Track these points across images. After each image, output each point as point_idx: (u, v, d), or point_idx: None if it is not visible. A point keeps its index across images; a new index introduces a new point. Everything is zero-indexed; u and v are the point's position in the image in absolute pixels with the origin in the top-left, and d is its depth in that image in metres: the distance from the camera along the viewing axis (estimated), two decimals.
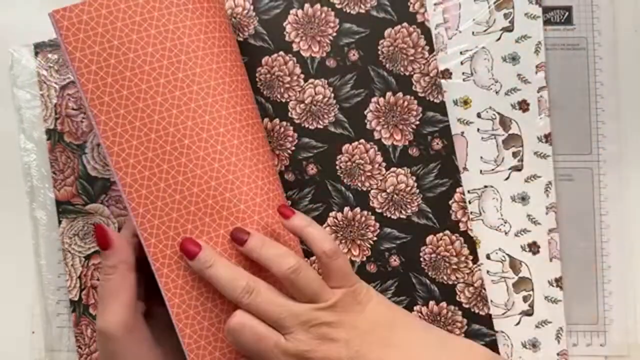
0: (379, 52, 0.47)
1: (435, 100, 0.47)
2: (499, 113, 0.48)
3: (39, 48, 0.48)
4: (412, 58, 0.47)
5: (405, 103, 0.47)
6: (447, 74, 0.48)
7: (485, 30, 0.48)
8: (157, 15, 0.39)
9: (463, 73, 0.48)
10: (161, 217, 0.39)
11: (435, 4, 0.48)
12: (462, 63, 0.48)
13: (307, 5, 0.47)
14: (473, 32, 0.48)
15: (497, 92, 0.48)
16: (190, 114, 0.39)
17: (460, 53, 0.48)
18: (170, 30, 0.39)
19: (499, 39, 0.48)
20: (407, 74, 0.47)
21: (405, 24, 0.47)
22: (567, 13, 0.49)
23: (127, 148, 0.39)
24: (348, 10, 0.47)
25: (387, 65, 0.47)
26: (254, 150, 0.41)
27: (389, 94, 0.47)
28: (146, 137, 0.39)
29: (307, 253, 0.46)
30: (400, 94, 0.47)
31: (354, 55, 0.47)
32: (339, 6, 0.47)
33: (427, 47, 0.47)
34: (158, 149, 0.39)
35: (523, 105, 0.48)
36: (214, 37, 0.40)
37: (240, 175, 0.40)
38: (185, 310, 0.39)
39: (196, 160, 0.39)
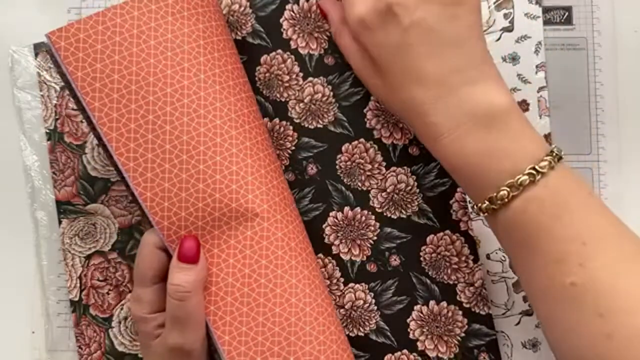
0: None
1: None
2: None
3: (39, 48, 0.48)
4: None
5: None
6: None
7: (485, 30, 0.48)
8: (154, 25, 0.38)
9: None
10: (187, 228, 0.39)
11: None
12: None
13: (302, 0, 0.47)
14: None
15: None
16: (201, 120, 0.38)
17: None
18: (169, 40, 0.38)
19: (498, 39, 0.48)
20: None
21: None
22: (567, 13, 0.49)
23: (143, 162, 0.38)
24: None
25: None
26: (259, 153, 0.41)
27: None
28: (161, 149, 0.38)
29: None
30: None
31: None
32: None
33: None
34: (174, 159, 0.38)
35: (523, 105, 0.48)
36: (212, 41, 0.40)
37: (251, 187, 0.39)
38: (222, 317, 0.39)
39: (214, 166, 0.38)
